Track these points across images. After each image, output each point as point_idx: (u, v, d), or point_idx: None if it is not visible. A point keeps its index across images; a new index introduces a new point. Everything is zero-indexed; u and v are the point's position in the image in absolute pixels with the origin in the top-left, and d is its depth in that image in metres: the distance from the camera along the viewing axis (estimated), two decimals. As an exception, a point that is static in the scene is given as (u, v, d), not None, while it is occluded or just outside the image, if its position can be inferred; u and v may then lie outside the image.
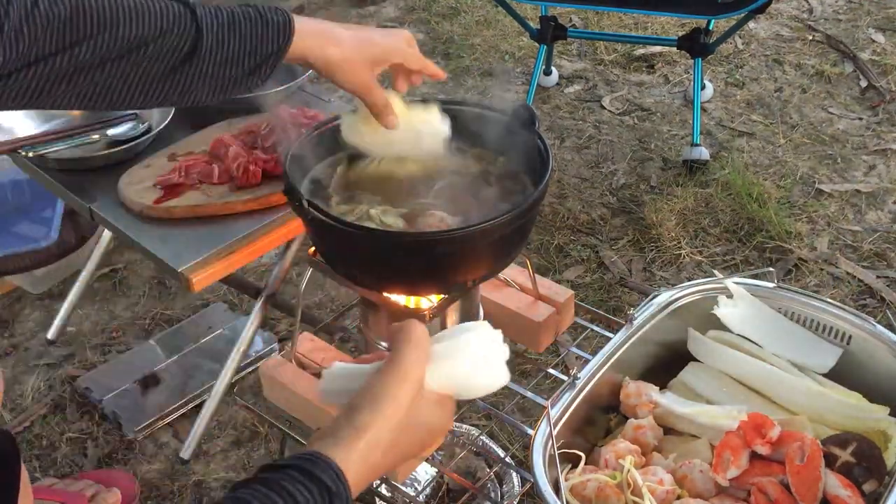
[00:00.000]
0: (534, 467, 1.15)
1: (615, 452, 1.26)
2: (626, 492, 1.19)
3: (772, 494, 1.18)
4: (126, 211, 1.57)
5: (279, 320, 2.40)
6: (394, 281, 1.22)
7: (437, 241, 1.11)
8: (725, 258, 2.59)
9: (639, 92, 3.43)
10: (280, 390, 1.38)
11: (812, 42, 3.69)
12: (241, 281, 2.18)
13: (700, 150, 2.93)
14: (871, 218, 2.74)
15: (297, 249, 1.91)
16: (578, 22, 3.88)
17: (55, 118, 1.83)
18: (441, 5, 4.14)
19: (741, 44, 3.70)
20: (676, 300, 1.42)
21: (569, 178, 2.94)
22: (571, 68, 3.59)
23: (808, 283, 2.48)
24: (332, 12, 4.16)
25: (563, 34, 3.15)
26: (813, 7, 3.94)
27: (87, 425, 2.14)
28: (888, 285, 2.47)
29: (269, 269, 2.48)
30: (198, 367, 2.24)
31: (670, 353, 1.43)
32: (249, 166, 1.58)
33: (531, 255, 2.48)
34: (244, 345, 1.98)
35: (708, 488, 1.22)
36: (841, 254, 2.59)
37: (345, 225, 1.12)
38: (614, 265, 2.58)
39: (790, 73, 3.50)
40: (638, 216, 2.76)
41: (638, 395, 1.35)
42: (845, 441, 1.24)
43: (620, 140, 3.14)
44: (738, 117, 3.25)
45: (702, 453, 1.28)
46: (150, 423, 2.11)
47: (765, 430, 1.22)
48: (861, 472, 1.21)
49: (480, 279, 1.26)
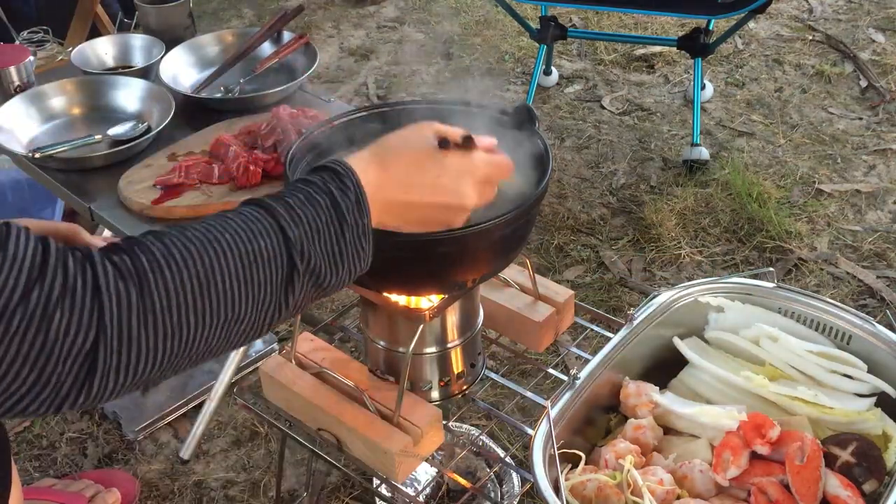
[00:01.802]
0: (534, 467, 1.14)
1: (615, 452, 1.26)
2: (626, 492, 1.19)
3: (772, 494, 1.18)
4: (126, 211, 1.57)
5: (279, 320, 2.40)
6: (394, 281, 1.22)
7: (437, 241, 1.11)
8: (725, 258, 2.59)
9: (639, 92, 3.43)
10: (280, 390, 1.38)
11: (812, 42, 3.69)
12: (241, 281, 2.18)
13: (700, 150, 2.93)
14: (871, 218, 2.74)
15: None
16: (578, 22, 3.88)
17: (56, 118, 1.83)
18: (441, 5, 4.14)
19: (741, 44, 3.70)
20: (676, 300, 1.42)
21: (569, 178, 2.94)
22: (571, 68, 3.59)
23: (808, 283, 2.48)
24: (332, 12, 4.16)
25: (563, 34, 3.15)
26: (813, 7, 3.94)
27: (87, 425, 2.14)
28: (888, 285, 2.47)
29: (269, 269, 2.48)
30: (198, 367, 2.24)
31: (670, 353, 1.43)
32: (249, 166, 1.58)
33: (531, 256, 2.48)
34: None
35: (708, 488, 1.22)
36: (841, 254, 2.59)
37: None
38: (614, 265, 2.58)
39: (790, 73, 3.49)
40: (638, 216, 2.76)
41: (638, 395, 1.35)
42: (845, 441, 1.24)
43: (620, 140, 3.14)
44: (738, 117, 3.25)
45: (702, 453, 1.28)
46: (150, 423, 2.11)
47: (765, 430, 1.22)
48: (861, 472, 1.21)
49: (480, 279, 1.26)
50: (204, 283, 0.79)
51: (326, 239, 0.87)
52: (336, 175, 0.90)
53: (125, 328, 0.75)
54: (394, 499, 1.69)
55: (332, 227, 0.87)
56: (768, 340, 1.38)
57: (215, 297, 0.80)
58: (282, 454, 1.79)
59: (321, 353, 1.40)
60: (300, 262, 0.85)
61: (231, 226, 0.83)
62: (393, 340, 1.33)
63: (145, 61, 2.00)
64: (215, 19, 4.07)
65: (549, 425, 1.18)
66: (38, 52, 2.12)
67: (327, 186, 0.89)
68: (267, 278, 0.83)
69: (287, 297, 0.85)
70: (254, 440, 2.09)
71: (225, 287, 0.80)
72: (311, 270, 0.86)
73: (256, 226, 0.84)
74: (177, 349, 0.78)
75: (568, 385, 1.26)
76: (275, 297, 0.84)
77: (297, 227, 0.85)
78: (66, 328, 0.72)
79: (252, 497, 1.97)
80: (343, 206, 0.88)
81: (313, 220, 0.86)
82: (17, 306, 0.71)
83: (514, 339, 1.52)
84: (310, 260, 0.85)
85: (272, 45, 2.03)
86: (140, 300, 0.75)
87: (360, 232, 0.90)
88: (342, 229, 0.88)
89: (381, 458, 1.26)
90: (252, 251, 0.82)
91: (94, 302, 0.74)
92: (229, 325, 0.82)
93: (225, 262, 0.80)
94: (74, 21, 2.76)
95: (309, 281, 0.86)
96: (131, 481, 1.96)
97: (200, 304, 0.79)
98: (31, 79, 1.89)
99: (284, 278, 0.84)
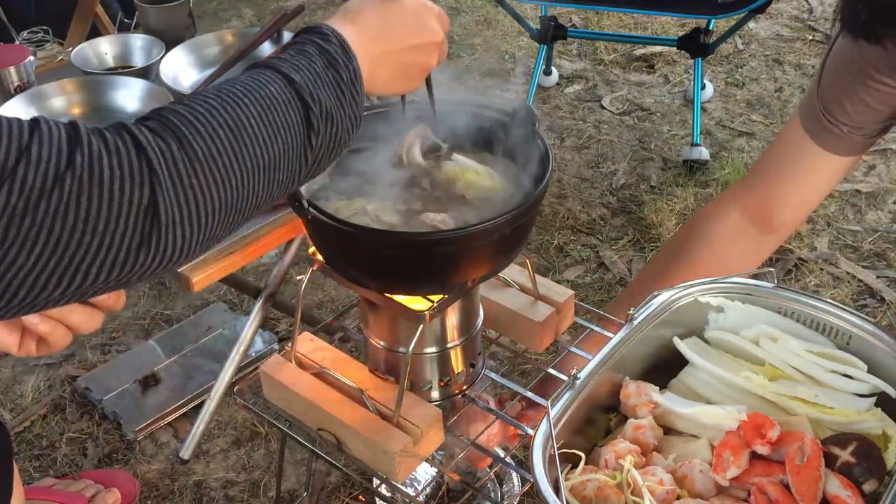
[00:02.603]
0: (534, 467, 1.14)
1: (615, 452, 1.26)
2: (626, 492, 1.19)
3: (772, 494, 1.18)
4: (126, 211, 1.57)
5: (279, 320, 2.40)
6: (394, 281, 1.22)
7: (437, 241, 1.11)
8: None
9: (639, 92, 3.43)
10: (280, 390, 1.38)
11: (812, 42, 3.69)
12: (241, 281, 2.18)
13: (700, 150, 2.93)
14: (871, 218, 2.74)
15: (297, 249, 1.91)
16: (578, 22, 3.88)
17: (56, 118, 1.83)
18: (441, 5, 4.14)
19: (741, 44, 3.70)
20: (676, 300, 1.42)
21: (569, 178, 2.94)
22: (571, 68, 3.59)
23: (808, 283, 2.48)
24: (331, 12, 4.16)
25: (563, 34, 3.15)
26: (813, 7, 3.94)
27: (87, 425, 2.14)
28: (888, 285, 2.47)
29: (269, 269, 2.48)
30: (198, 368, 2.24)
31: (670, 353, 1.43)
32: (249, 166, 1.57)
33: (531, 256, 2.48)
34: (244, 345, 1.98)
35: (708, 488, 1.22)
36: (841, 254, 2.59)
37: (345, 225, 1.12)
38: (614, 265, 2.58)
39: (790, 73, 3.49)
40: (638, 216, 2.76)
41: (638, 395, 1.35)
42: (845, 441, 1.24)
43: (620, 140, 3.14)
44: (739, 117, 3.25)
45: (702, 453, 1.28)
46: (150, 423, 2.11)
47: (765, 430, 1.22)
48: (861, 472, 1.21)
49: (480, 279, 1.26)
50: (235, 128, 0.83)
51: (327, 82, 0.91)
52: (315, 31, 0.95)
53: (177, 178, 0.77)
54: (394, 498, 1.69)
55: (330, 72, 0.92)
56: (768, 340, 1.38)
57: (248, 141, 0.83)
58: (282, 454, 1.79)
59: (321, 353, 1.40)
60: (312, 104, 0.89)
61: (240, 81, 0.88)
62: (393, 340, 1.33)
63: (145, 61, 2.01)
64: (215, 19, 4.07)
65: (549, 425, 1.18)
66: (38, 52, 2.13)
67: (311, 40, 0.94)
68: (288, 121, 0.87)
69: (310, 139, 0.89)
70: (254, 440, 2.09)
71: (253, 131, 0.84)
72: (323, 111, 0.90)
73: (262, 77, 0.88)
74: (229, 197, 0.81)
75: (568, 385, 1.26)
76: (300, 139, 0.88)
77: (298, 73, 0.89)
78: (119, 186, 0.74)
79: (252, 497, 1.97)
80: (332, 52, 0.93)
81: (310, 67, 0.91)
82: (66, 171, 0.72)
83: (514, 340, 1.52)
84: (319, 102, 0.89)
85: (272, 45, 2.02)
86: (182, 152, 0.78)
87: (352, 76, 0.94)
88: (338, 72, 0.92)
89: (381, 458, 1.26)
90: (267, 96, 0.86)
91: (141, 158, 0.76)
92: (268, 170, 0.85)
93: (246, 109, 0.84)
94: (74, 21, 2.76)
95: (324, 125, 0.90)
96: (131, 481, 1.96)
97: (238, 148, 0.82)
98: (30, 79, 1.89)
99: (303, 120, 0.88)
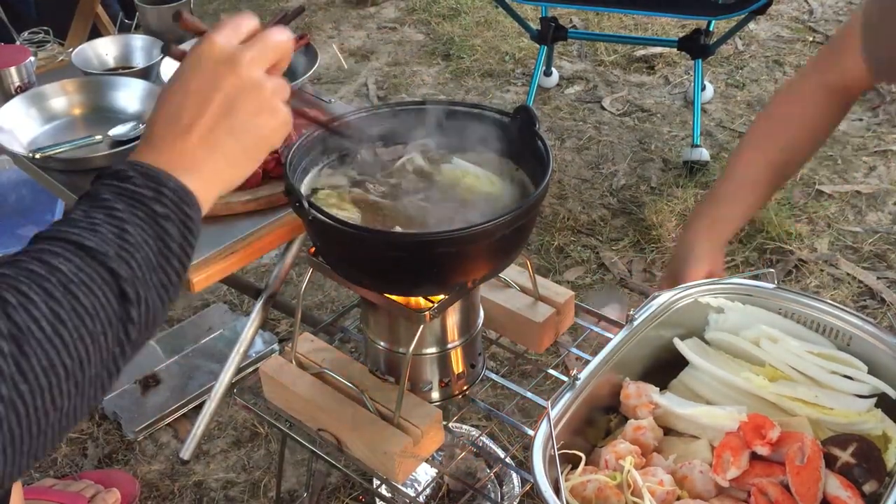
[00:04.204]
0: (534, 468, 1.14)
1: (615, 453, 1.26)
2: (626, 492, 1.19)
3: (772, 495, 1.18)
4: (126, 211, 1.57)
5: (279, 320, 2.40)
6: (394, 281, 1.22)
7: (437, 241, 1.11)
8: (726, 259, 2.58)
9: (639, 93, 3.43)
10: (280, 390, 1.38)
11: (812, 43, 3.69)
12: (242, 281, 2.18)
13: (700, 151, 2.93)
14: (871, 219, 2.74)
15: (298, 249, 1.91)
16: (579, 23, 3.88)
17: (56, 119, 1.83)
18: (441, 6, 4.14)
19: (741, 45, 3.70)
20: (677, 301, 1.42)
21: (569, 178, 2.94)
22: (572, 69, 3.60)
23: (809, 284, 2.48)
24: (332, 13, 4.16)
25: (564, 35, 3.15)
26: (813, 8, 3.94)
27: (87, 425, 2.14)
28: (888, 286, 2.47)
29: (269, 269, 2.48)
30: (198, 368, 2.24)
31: (670, 353, 1.43)
32: (250, 167, 1.58)
33: (531, 256, 2.49)
34: (244, 345, 1.97)
35: (708, 489, 1.22)
36: (841, 255, 2.59)
37: (345, 225, 1.12)
38: (614, 266, 2.58)
39: (790, 75, 3.49)
40: (638, 217, 2.76)
41: (638, 396, 1.35)
42: (845, 442, 1.24)
43: (621, 141, 3.14)
44: (739, 118, 3.25)
45: (702, 454, 1.28)
46: (150, 424, 2.11)
47: (765, 430, 1.21)
48: (861, 473, 1.21)
49: (481, 280, 1.26)
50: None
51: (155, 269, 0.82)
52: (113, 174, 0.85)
53: None
54: (394, 499, 1.69)
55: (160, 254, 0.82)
56: (768, 341, 1.38)
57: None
58: (282, 454, 1.79)
59: (321, 354, 1.40)
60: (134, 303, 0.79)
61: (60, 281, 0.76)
62: (393, 341, 1.33)
63: (146, 62, 2.01)
64: (215, 19, 4.07)
65: (549, 426, 1.18)
66: (38, 52, 2.13)
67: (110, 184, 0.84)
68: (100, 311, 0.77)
69: (127, 323, 0.79)
70: (254, 440, 2.09)
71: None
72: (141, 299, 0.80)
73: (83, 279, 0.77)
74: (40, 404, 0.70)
75: (568, 386, 1.26)
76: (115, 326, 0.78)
77: (125, 266, 0.79)
78: None
79: (252, 497, 1.97)
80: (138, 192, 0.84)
81: (145, 261, 0.80)
82: None
83: (515, 340, 1.52)
84: (141, 297, 0.80)
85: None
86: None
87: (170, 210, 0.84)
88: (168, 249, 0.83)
89: (381, 458, 1.26)
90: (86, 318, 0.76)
91: None
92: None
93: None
94: (75, 22, 2.76)
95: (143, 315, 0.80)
96: (131, 482, 1.96)
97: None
98: (31, 79, 1.89)
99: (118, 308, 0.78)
